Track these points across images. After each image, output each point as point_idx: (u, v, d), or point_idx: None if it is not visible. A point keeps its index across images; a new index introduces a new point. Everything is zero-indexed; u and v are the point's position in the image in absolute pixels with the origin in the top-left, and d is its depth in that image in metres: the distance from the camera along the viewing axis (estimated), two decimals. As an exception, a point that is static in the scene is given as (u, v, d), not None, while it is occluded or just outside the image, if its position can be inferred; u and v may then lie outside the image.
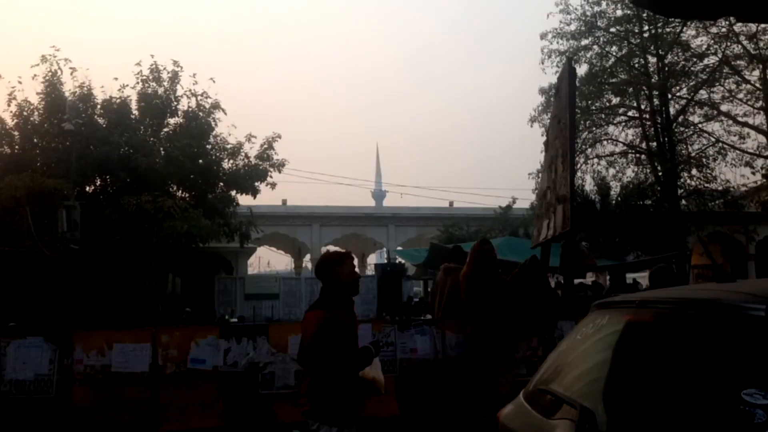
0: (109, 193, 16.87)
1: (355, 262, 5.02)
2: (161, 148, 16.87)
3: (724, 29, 22.93)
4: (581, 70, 24.42)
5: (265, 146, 19.16)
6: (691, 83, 24.13)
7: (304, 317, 4.38)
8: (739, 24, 22.65)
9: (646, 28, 23.78)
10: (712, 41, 23.41)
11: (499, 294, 6.49)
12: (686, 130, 24.64)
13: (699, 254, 33.17)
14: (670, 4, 4.81)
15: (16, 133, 17.07)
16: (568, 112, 5.70)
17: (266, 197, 20.97)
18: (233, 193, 19.27)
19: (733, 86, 24.20)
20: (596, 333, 3.30)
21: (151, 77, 18.45)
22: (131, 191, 15.94)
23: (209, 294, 20.47)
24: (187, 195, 18.66)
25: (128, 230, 15.41)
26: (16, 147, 17.05)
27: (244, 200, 20.40)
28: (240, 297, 21.69)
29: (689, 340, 2.50)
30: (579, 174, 24.54)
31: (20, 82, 17.05)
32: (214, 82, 19.08)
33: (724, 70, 23.63)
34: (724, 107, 24.40)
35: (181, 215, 15.39)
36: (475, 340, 6.49)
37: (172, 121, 18.81)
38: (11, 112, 17.02)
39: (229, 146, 19.04)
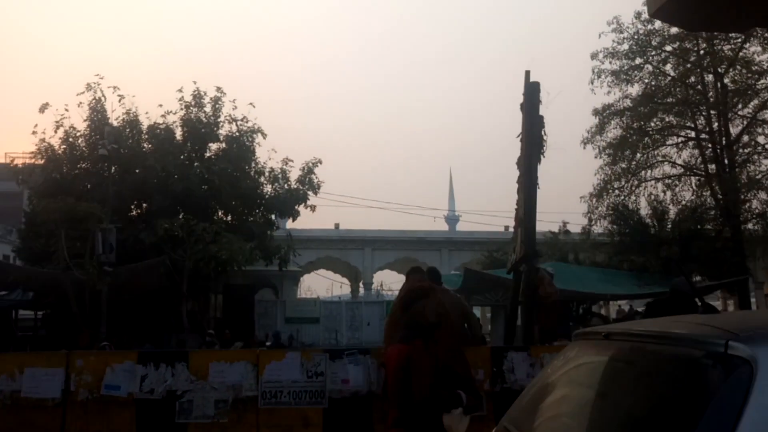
0: (147, 216, 17.23)
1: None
2: (199, 172, 17.15)
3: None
4: (634, 89, 23.64)
5: (305, 171, 19.27)
6: (755, 101, 22.93)
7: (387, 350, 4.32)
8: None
9: (704, 46, 22.76)
10: (778, 57, 22.22)
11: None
12: (750, 150, 23.31)
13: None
14: (691, 17, 4.47)
15: (63, 158, 17.73)
16: (524, 127, 5.37)
17: (319, 221, 21.13)
18: (273, 216, 19.39)
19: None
20: (563, 366, 3.09)
21: (193, 103, 18.89)
22: (168, 215, 16.27)
23: (250, 317, 20.60)
24: (228, 218, 18.93)
25: (161, 253, 15.69)
26: (64, 171, 17.71)
27: (290, 224, 20.57)
28: (281, 320, 21.71)
29: (646, 375, 2.29)
30: (633, 198, 23.65)
31: (67, 110, 17.79)
32: (254, 107, 19.32)
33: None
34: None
35: (213, 239, 15.57)
36: None
37: (214, 146, 19.17)
38: (59, 137, 17.73)
39: (267, 170, 19.25)
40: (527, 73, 5.58)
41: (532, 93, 5.39)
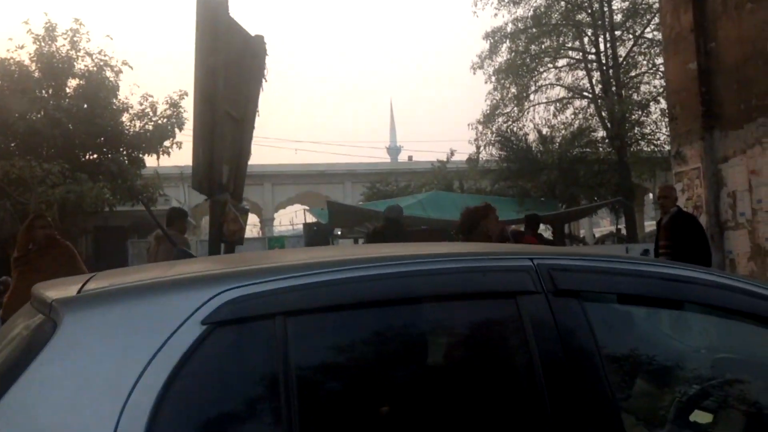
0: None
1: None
2: (42, 110, 16.09)
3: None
4: (521, 11, 23.18)
5: (167, 108, 18.35)
6: (642, 21, 22.83)
7: None
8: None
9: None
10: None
11: None
12: (646, 70, 23.27)
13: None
14: None
15: None
16: (224, 53, 4.82)
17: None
18: (140, 155, 18.49)
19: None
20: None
21: (46, 36, 17.61)
22: (12, 156, 15.31)
23: (123, 258, 19.89)
24: (91, 158, 17.99)
25: (6, 197, 14.81)
26: None
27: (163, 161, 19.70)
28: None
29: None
30: (521, 123, 23.49)
31: None
32: (111, 39, 18.13)
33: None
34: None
35: (61, 180, 14.75)
36: None
37: (74, 82, 18.02)
38: None
39: (132, 106, 18.29)
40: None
41: (215, 12, 4.76)
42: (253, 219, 37.18)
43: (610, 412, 1.73)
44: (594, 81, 23.24)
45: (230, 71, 4.88)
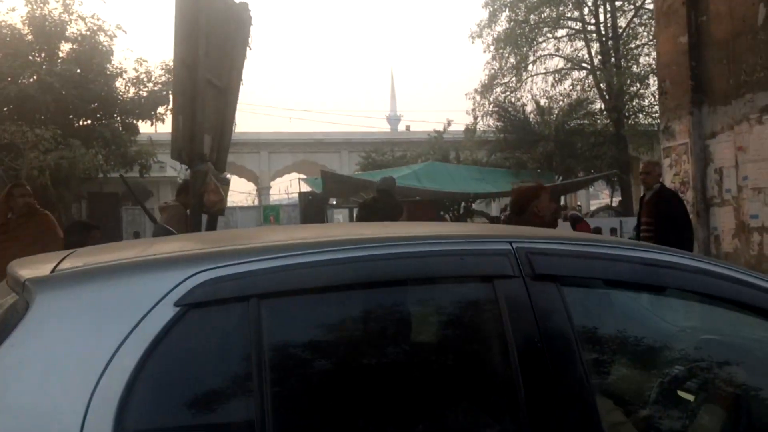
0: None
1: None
2: (35, 75, 15.92)
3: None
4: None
5: (162, 74, 18.14)
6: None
7: None
8: None
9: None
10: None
11: None
12: (646, 42, 23.03)
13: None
14: None
15: None
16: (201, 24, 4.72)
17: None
18: (134, 121, 18.36)
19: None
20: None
21: (38, -1, 17.37)
22: (4, 121, 15.19)
23: (117, 224, 19.89)
24: (79, 124, 17.84)
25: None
26: None
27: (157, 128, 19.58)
28: (150, 227, 20.89)
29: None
30: (519, 94, 23.32)
31: None
32: (104, 2, 17.92)
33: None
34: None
35: (53, 146, 14.66)
36: None
37: (67, 47, 17.82)
38: None
39: (127, 72, 18.11)
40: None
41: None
42: (249, 187, 37.18)
43: (585, 397, 1.73)
44: (593, 52, 23.02)
45: (212, 38, 4.79)
